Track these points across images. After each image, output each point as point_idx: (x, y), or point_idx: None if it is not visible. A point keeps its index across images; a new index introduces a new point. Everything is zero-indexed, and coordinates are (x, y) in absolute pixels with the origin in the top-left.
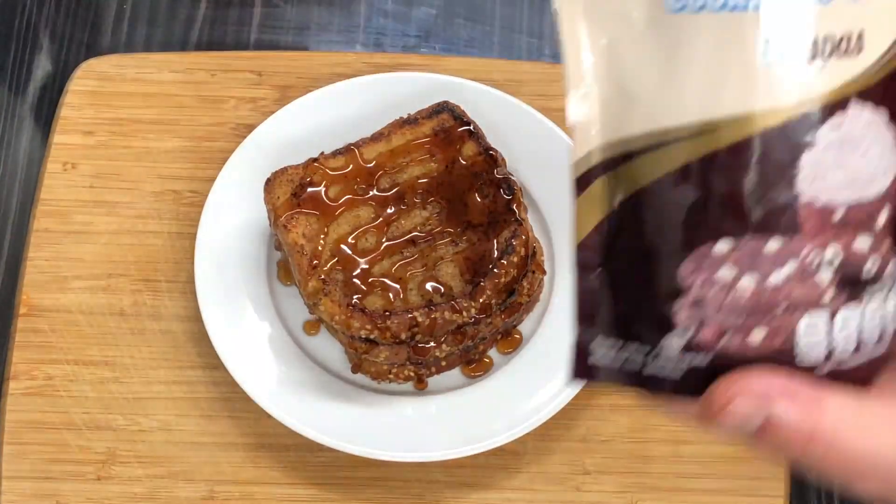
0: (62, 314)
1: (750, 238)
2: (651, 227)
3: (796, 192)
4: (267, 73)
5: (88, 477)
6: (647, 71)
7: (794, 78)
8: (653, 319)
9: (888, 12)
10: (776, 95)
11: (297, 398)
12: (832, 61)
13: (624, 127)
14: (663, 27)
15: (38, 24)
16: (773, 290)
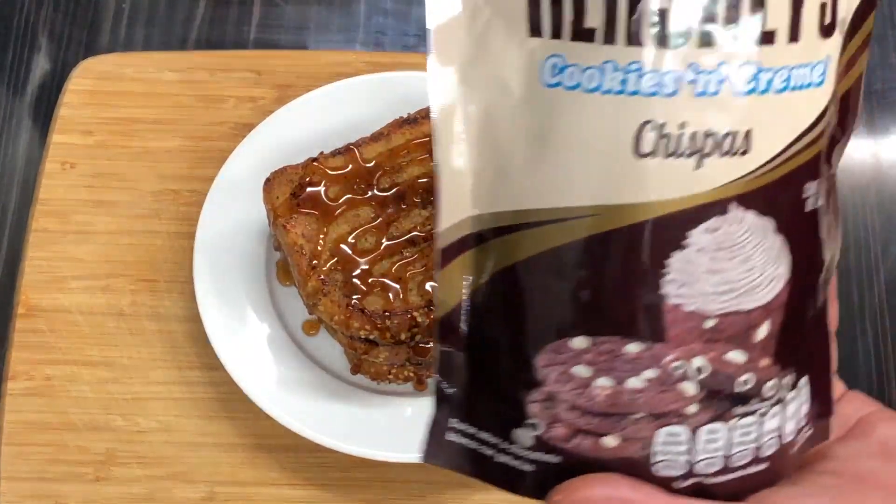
0: (61, 314)
1: (609, 337)
2: (512, 311)
3: (663, 293)
4: (266, 73)
5: (87, 478)
6: (519, 146)
7: (668, 172)
8: (506, 409)
9: (781, 115)
10: (648, 189)
11: (297, 398)
12: (713, 159)
13: (494, 202)
14: (538, 101)
15: (36, 24)
16: (631, 395)
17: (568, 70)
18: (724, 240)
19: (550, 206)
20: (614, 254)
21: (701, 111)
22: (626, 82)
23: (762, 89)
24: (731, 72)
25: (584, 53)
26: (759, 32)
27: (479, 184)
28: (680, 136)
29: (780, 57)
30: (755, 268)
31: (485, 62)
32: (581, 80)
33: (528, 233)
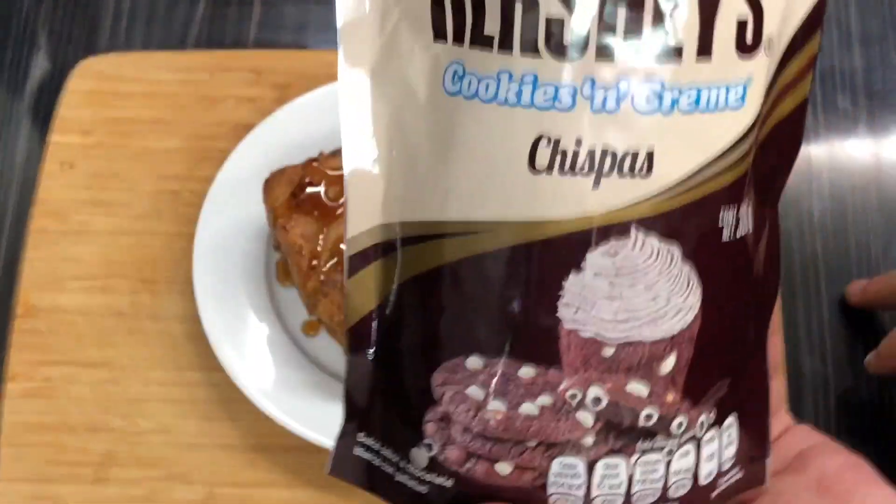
0: (60, 315)
1: (504, 359)
2: (414, 325)
3: (558, 317)
4: (266, 73)
5: (87, 479)
6: (424, 153)
7: (565, 190)
8: (406, 426)
9: (689, 137)
10: (544, 206)
11: (297, 399)
12: (613, 178)
13: (401, 210)
14: (440, 108)
15: (36, 23)
16: (525, 421)
17: (467, 78)
18: (624, 264)
19: (451, 218)
20: (509, 272)
21: (599, 128)
22: (520, 94)
23: (666, 108)
24: (632, 88)
25: (481, 61)
26: (663, 47)
27: (389, 191)
28: (576, 152)
29: (687, 75)
30: (660, 296)
31: (394, 64)
32: (478, 90)
33: (431, 244)
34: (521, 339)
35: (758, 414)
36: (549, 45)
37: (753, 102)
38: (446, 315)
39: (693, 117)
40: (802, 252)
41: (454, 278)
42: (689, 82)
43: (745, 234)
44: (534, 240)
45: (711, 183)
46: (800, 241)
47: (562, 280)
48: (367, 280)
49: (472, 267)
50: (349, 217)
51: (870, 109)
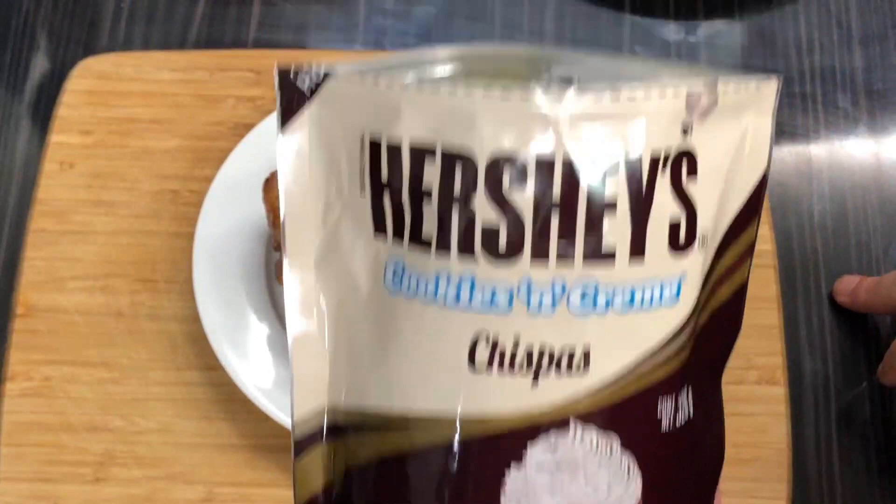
0: (60, 315)
1: None
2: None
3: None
4: (266, 72)
5: (86, 479)
6: (367, 345)
7: (504, 387)
8: None
9: (624, 334)
10: (483, 403)
11: None
12: (551, 376)
13: (346, 397)
14: (382, 304)
15: (35, 23)
16: None
17: (406, 276)
18: (564, 458)
19: (392, 410)
20: (450, 466)
21: (535, 328)
22: (459, 295)
23: (601, 309)
24: (567, 290)
25: (420, 262)
26: (595, 251)
27: (335, 374)
28: (514, 352)
29: (621, 276)
30: (600, 487)
31: (336, 256)
32: (417, 289)
33: (372, 434)
34: None
35: None
36: (486, 249)
37: (688, 297)
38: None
39: (628, 315)
40: (802, 252)
41: (398, 470)
42: (622, 283)
43: (686, 421)
44: (474, 436)
45: (648, 376)
46: (800, 241)
47: (503, 475)
48: (314, 463)
49: (415, 460)
50: (295, 399)
51: (870, 109)
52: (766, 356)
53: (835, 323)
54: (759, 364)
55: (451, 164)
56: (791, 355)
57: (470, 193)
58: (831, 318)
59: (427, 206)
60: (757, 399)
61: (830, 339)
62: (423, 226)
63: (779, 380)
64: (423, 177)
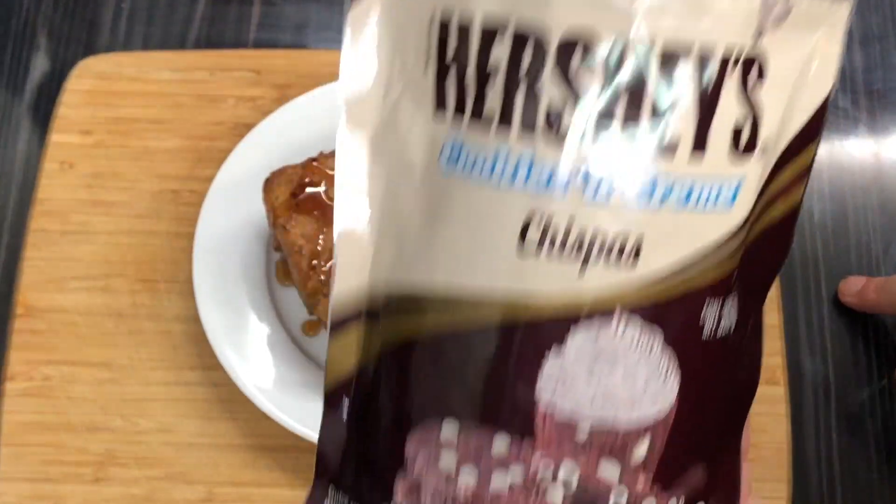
0: (60, 315)
1: (477, 429)
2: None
3: (536, 395)
4: (266, 72)
5: (86, 478)
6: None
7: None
8: (376, 488)
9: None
10: (530, 287)
11: (297, 399)
12: (600, 264)
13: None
14: (435, 183)
15: (35, 23)
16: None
17: (464, 156)
18: (605, 349)
19: (437, 289)
20: (488, 347)
21: (589, 215)
22: (515, 175)
23: (657, 202)
24: (624, 179)
25: (479, 140)
26: (658, 142)
27: (378, 256)
28: (565, 237)
29: (680, 171)
30: (637, 382)
31: (393, 136)
32: (474, 168)
33: (414, 314)
34: (498, 413)
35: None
36: (548, 130)
37: (744, 204)
38: (425, 383)
39: (683, 213)
40: (802, 252)
41: (436, 348)
42: (681, 179)
43: (727, 332)
44: (517, 318)
45: (696, 279)
46: (800, 241)
47: (542, 359)
48: (350, 341)
49: (455, 339)
50: (337, 278)
51: (870, 109)
52: (766, 356)
53: (835, 323)
54: None
55: (521, 42)
56: (791, 355)
57: (538, 72)
58: (831, 318)
59: (491, 86)
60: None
61: (830, 339)
62: (486, 104)
63: (779, 380)
64: (491, 56)
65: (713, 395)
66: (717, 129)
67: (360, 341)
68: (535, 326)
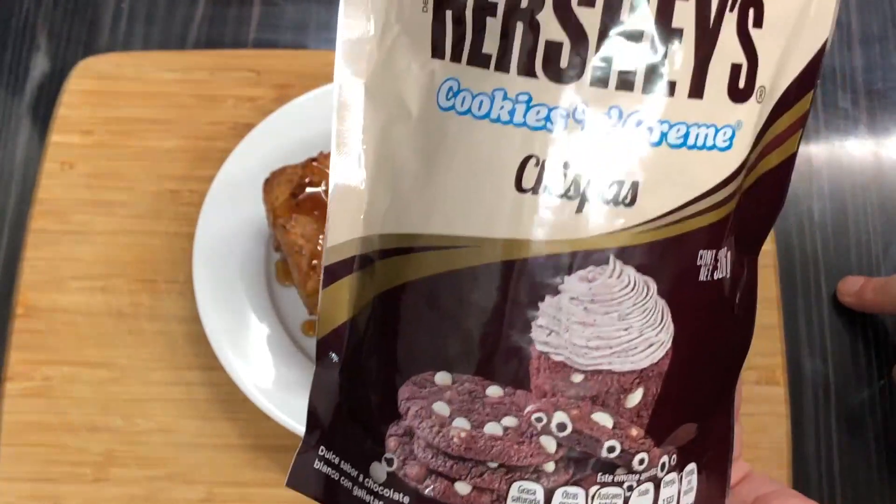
0: (60, 315)
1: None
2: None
3: (531, 339)
4: (266, 72)
5: (87, 478)
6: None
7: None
8: (368, 440)
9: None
10: (526, 226)
11: (297, 399)
12: (596, 205)
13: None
14: (432, 123)
15: (35, 23)
16: (488, 441)
17: (461, 94)
18: (600, 291)
19: (432, 231)
20: (484, 289)
21: (587, 153)
22: (514, 112)
23: (655, 140)
24: (623, 117)
25: (477, 79)
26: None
27: (372, 204)
28: (563, 175)
29: (678, 110)
30: (632, 327)
31: (389, 79)
32: (472, 106)
33: (409, 257)
34: (492, 357)
35: (719, 463)
36: (546, 68)
37: (741, 147)
38: (418, 329)
39: (680, 152)
40: (802, 252)
41: (430, 292)
42: (679, 117)
43: (723, 278)
44: (513, 258)
45: (693, 220)
46: (800, 241)
47: (538, 301)
48: (342, 291)
49: (449, 282)
50: (330, 227)
51: (870, 109)
52: (766, 356)
53: (835, 323)
54: (759, 364)
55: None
56: (791, 355)
57: (537, 8)
58: (831, 318)
59: (490, 22)
60: (757, 399)
61: (830, 339)
62: (485, 42)
63: (779, 380)
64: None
65: (707, 347)
66: (715, 69)
67: (352, 292)
68: (531, 267)
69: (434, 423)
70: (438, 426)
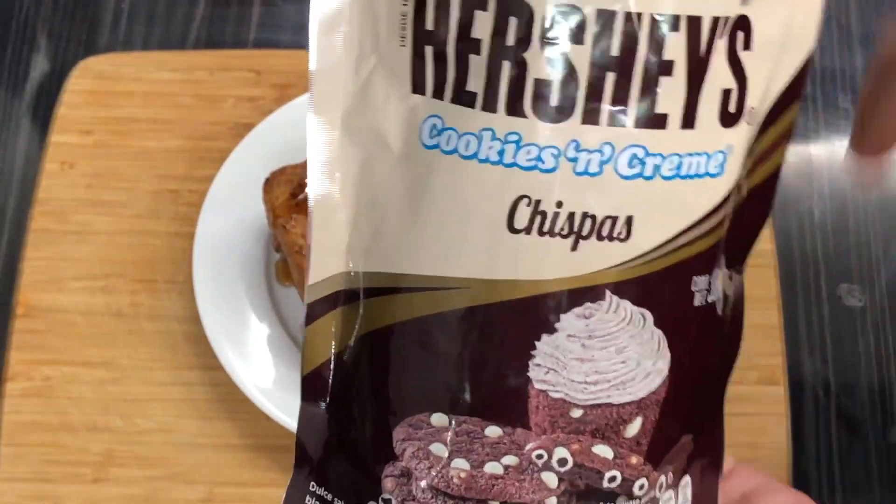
0: (60, 314)
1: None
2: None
3: (529, 377)
4: (266, 72)
5: (86, 478)
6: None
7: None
8: (362, 480)
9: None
10: (520, 266)
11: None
12: (590, 242)
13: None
14: (415, 161)
15: (35, 23)
16: (489, 480)
17: (446, 133)
18: (597, 328)
19: (422, 272)
20: (480, 331)
21: (580, 191)
22: (503, 153)
23: (648, 174)
24: (616, 153)
25: (463, 118)
26: (648, 115)
27: (354, 240)
28: (556, 214)
29: (671, 142)
30: (630, 360)
31: (367, 113)
32: (458, 146)
33: (397, 298)
34: (490, 398)
35: (712, 469)
36: (536, 107)
37: (732, 170)
38: (411, 370)
39: (674, 184)
40: (802, 252)
41: (421, 334)
42: (672, 149)
43: (715, 300)
44: (508, 299)
45: (687, 249)
46: (800, 241)
47: (534, 340)
48: (326, 328)
49: (441, 323)
50: (312, 262)
51: None
52: (766, 356)
53: (835, 323)
54: (759, 364)
55: (506, 12)
56: (791, 355)
57: (524, 45)
58: (831, 318)
59: (474, 60)
60: (757, 399)
61: (830, 339)
62: (469, 79)
63: (779, 380)
64: (474, 25)
65: (702, 366)
66: (707, 97)
67: (337, 326)
68: (527, 307)
69: (432, 463)
70: (437, 467)
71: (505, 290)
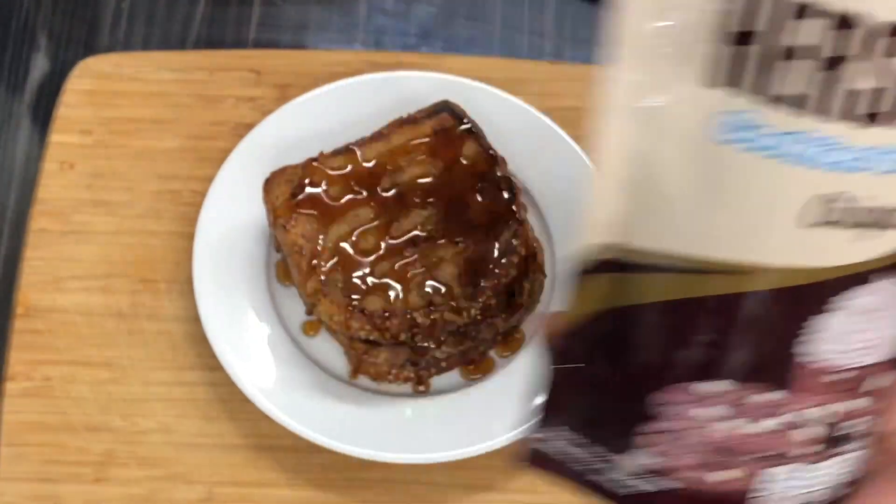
0: (60, 315)
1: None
2: (641, 345)
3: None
4: (266, 72)
5: (87, 479)
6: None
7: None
8: (617, 433)
9: None
10: (806, 255)
11: (297, 399)
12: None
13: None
14: (706, 154)
15: (35, 23)
16: (746, 438)
17: (745, 129)
18: (863, 306)
19: (701, 255)
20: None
21: (875, 188)
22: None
23: None
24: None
25: (768, 117)
26: None
27: (634, 214)
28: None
29: None
30: (881, 329)
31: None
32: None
33: (675, 276)
34: (756, 372)
35: None
36: (846, 112)
37: None
38: (678, 344)
39: None
40: None
41: (694, 311)
42: None
43: None
44: (785, 285)
45: None
46: None
47: (807, 319)
48: (594, 289)
49: (722, 303)
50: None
51: None
52: None
53: None
54: None
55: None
56: None
57: (843, 53)
58: None
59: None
60: None
61: None
62: (780, 81)
63: None
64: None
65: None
66: None
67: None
68: (804, 290)
69: (692, 425)
70: (696, 428)
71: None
